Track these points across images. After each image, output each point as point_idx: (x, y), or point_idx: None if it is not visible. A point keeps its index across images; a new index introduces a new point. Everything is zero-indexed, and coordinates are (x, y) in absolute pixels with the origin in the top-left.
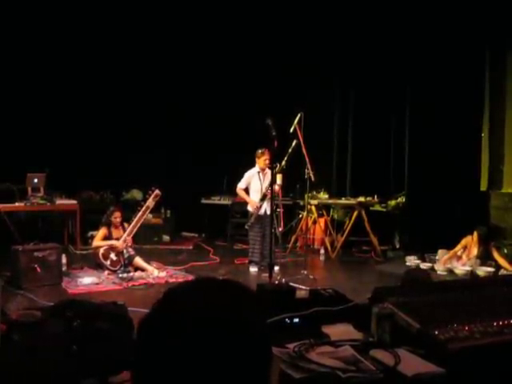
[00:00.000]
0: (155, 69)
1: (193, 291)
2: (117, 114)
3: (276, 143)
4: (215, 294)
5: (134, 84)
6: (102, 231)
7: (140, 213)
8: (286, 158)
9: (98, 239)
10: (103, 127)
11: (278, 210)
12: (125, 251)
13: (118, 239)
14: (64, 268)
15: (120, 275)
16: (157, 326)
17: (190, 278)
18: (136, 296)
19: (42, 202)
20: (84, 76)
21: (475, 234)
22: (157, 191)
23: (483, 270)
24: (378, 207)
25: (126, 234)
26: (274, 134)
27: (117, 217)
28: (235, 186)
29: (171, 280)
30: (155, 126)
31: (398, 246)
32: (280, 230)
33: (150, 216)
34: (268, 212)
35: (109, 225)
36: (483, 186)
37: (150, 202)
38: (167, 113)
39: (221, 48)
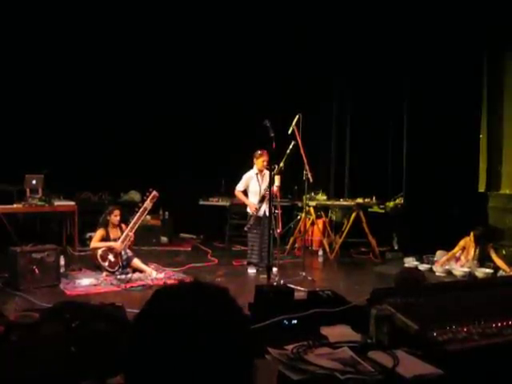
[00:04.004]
0: (154, 69)
1: (179, 294)
2: (115, 115)
3: (274, 144)
4: (200, 297)
5: (132, 85)
6: (100, 232)
7: (138, 214)
8: (284, 160)
9: (96, 240)
10: (101, 128)
11: (276, 211)
12: (123, 252)
13: (115, 240)
14: (62, 269)
15: (118, 277)
16: (144, 326)
17: (188, 279)
18: (134, 297)
19: (40, 203)
20: (83, 77)
21: (472, 234)
22: (154, 192)
23: (482, 272)
24: (376, 208)
25: (123, 236)
26: (272, 135)
27: (116, 215)
28: (233, 188)
29: (169, 281)
30: (153, 127)
31: (396, 248)
32: (278, 231)
33: (148, 217)
34: (267, 213)
35: (106, 225)
36: (481, 187)
37: (148, 204)
38: (165, 114)
39: (220, 49)
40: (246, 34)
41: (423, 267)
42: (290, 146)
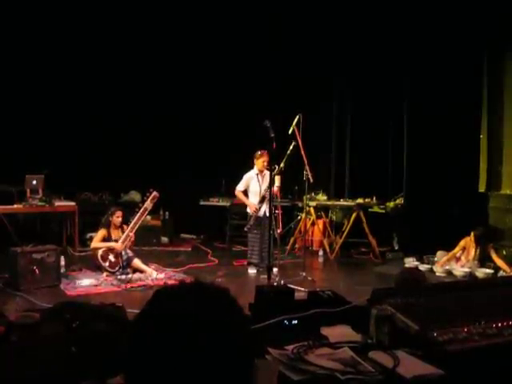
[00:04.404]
0: (154, 69)
1: (179, 294)
2: (115, 115)
3: (274, 145)
4: (200, 298)
5: (131, 86)
6: (101, 232)
7: (138, 214)
8: (284, 160)
9: (97, 240)
10: (101, 129)
11: (277, 211)
12: (123, 253)
13: (116, 241)
14: (62, 270)
15: (118, 277)
16: (144, 326)
17: (189, 279)
18: (134, 298)
19: (40, 203)
20: (83, 78)
21: (472, 235)
22: (155, 193)
23: (482, 272)
24: (376, 209)
25: (124, 236)
26: (272, 135)
27: (119, 216)
28: (234, 188)
29: (170, 282)
30: (154, 127)
31: (396, 248)
32: (279, 231)
33: (149, 218)
34: (267, 214)
35: (108, 226)
36: (482, 188)
37: (148, 204)
38: (165, 114)
39: (220, 49)
40: (246, 34)
41: (423, 267)
42: (291, 147)
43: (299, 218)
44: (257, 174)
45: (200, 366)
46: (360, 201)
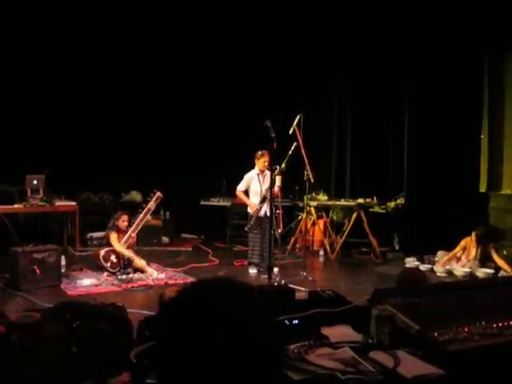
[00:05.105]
0: (154, 70)
1: (204, 289)
2: (116, 115)
3: (275, 145)
4: (225, 293)
5: (132, 86)
6: (113, 235)
7: (141, 215)
8: (285, 160)
9: (117, 242)
10: (102, 129)
11: (278, 211)
12: None
13: None
14: (63, 269)
15: (119, 277)
16: (169, 322)
17: (189, 279)
18: (135, 297)
19: (41, 203)
20: (83, 78)
21: (473, 234)
22: (158, 193)
23: (482, 272)
24: (377, 209)
25: (126, 236)
26: (273, 135)
27: (124, 220)
28: (234, 188)
29: (170, 282)
30: (154, 127)
31: (397, 248)
32: (279, 231)
33: (150, 218)
34: (268, 214)
35: (116, 229)
36: (482, 188)
37: (152, 204)
38: (166, 114)
39: (221, 49)
40: (246, 34)
41: (424, 267)
42: (292, 148)
43: (300, 217)
44: (258, 174)
45: (225, 360)
46: (361, 201)
